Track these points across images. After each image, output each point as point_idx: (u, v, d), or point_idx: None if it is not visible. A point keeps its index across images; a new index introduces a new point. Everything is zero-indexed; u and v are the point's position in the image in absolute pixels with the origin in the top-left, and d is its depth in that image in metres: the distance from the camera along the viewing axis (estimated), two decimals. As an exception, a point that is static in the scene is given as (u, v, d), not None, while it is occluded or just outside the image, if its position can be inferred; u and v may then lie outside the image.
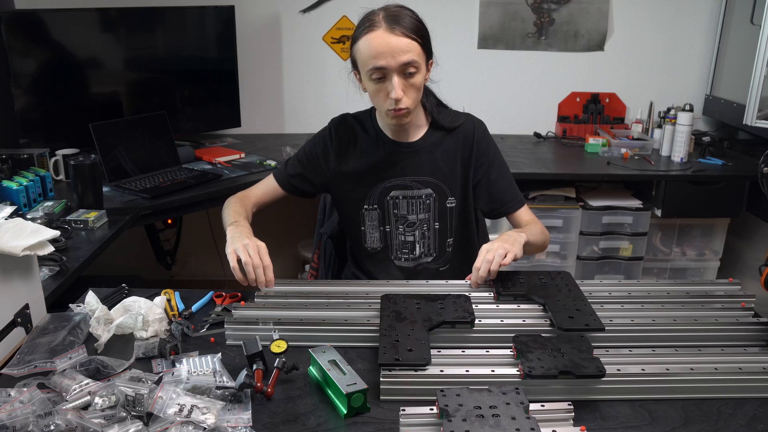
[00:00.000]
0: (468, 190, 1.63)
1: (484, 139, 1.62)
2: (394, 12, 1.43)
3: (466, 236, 1.66)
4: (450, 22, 3.06)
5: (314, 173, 1.64)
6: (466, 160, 1.61)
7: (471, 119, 1.65)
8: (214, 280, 3.34)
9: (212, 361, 1.13)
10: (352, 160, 1.62)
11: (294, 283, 1.43)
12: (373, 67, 1.41)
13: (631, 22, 3.07)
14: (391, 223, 1.62)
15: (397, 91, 1.41)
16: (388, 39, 1.39)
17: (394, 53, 1.39)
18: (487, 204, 1.64)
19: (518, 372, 1.06)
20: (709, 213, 2.74)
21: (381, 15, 1.42)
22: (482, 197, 1.64)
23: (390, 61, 1.40)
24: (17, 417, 0.95)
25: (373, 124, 1.62)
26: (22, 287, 1.24)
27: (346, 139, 1.62)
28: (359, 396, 1.02)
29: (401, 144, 1.60)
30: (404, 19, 1.42)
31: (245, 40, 3.03)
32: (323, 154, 1.63)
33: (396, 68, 1.41)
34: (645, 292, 1.38)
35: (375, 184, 1.60)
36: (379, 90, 1.45)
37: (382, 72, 1.42)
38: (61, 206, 2.02)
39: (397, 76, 1.41)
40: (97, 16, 2.64)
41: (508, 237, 1.42)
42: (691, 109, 2.72)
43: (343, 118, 1.65)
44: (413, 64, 1.41)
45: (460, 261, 1.67)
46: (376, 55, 1.40)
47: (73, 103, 2.59)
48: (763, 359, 1.12)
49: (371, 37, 1.41)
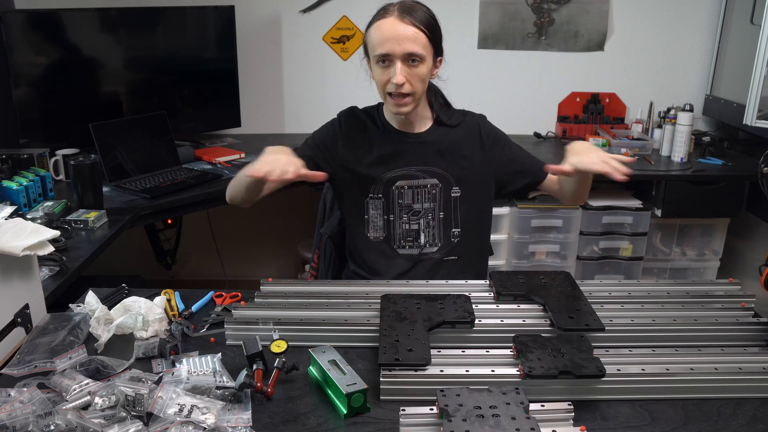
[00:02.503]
0: (478, 182, 1.65)
1: (491, 130, 1.68)
2: (409, 4, 1.51)
3: (472, 228, 1.67)
4: (450, 22, 3.02)
5: (323, 160, 1.65)
6: (475, 153, 1.64)
7: (472, 115, 1.69)
8: (214, 280, 3.34)
9: (212, 361, 1.13)
10: (359, 149, 1.63)
11: (294, 283, 1.43)
12: (380, 52, 1.48)
13: (631, 22, 3.07)
14: (395, 213, 1.63)
15: (398, 77, 1.47)
16: (397, 26, 1.46)
17: (400, 40, 1.45)
18: (517, 182, 1.68)
19: (518, 372, 1.06)
20: (709, 213, 2.74)
21: (396, 6, 1.50)
22: (512, 178, 1.68)
23: (395, 48, 1.46)
24: (17, 417, 0.95)
25: (380, 116, 1.66)
26: (22, 287, 1.24)
27: (355, 128, 1.65)
28: (359, 396, 1.02)
29: (408, 135, 1.63)
30: (417, 11, 1.49)
31: (245, 40, 3.03)
32: (332, 142, 1.65)
33: (400, 55, 1.46)
34: (645, 292, 1.38)
35: (381, 174, 1.62)
36: (383, 74, 1.51)
37: (388, 58, 1.48)
38: (61, 206, 2.02)
39: (401, 63, 1.47)
40: (97, 16, 2.64)
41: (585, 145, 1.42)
42: (691, 109, 2.72)
43: (351, 109, 1.69)
44: (417, 54, 1.47)
45: (466, 252, 1.67)
46: (383, 41, 1.47)
47: (73, 103, 2.59)
48: (763, 359, 1.12)
49: (381, 24, 1.48)
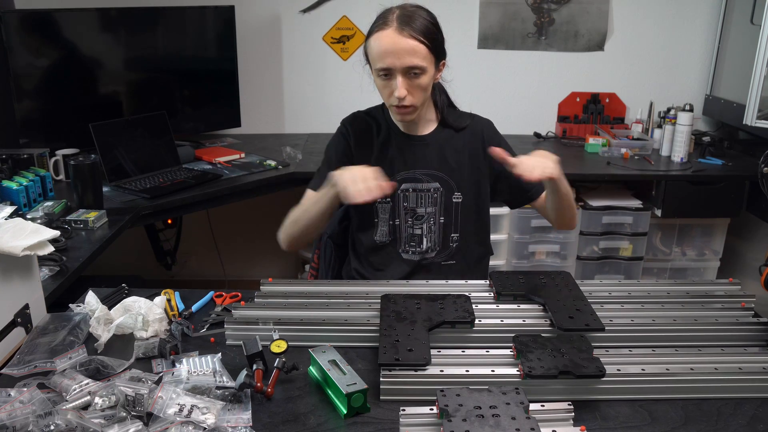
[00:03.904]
0: (478, 188, 1.65)
1: (494, 137, 1.67)
2: (408, 12, 1.47)
3: (471, 233, 1.66)
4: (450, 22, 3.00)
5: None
6: (476, 159, 1.63)
7: (479, 120, 1.69)
8: (214, 280, 3.34)
9: (212, 361, 1.13)
10: (369, 152, 1.63)
11: (294, 283, 1.43)
12: (380, 66, 1.47)
13: (631, 22, 3.07)
14: (400, 216, 1.63)
15: (400, 91, 1.46)
16: (396, 40, 1.43)
17: (400, 55, 1.44)
18: (509, 194, 1.68)
19: (518, 372, 1.06)
20: (709, 213, 2.74)
21: (395, 14, 1.47)
22: (504, 189, 1.67)
23: (395, 62, 1.44)
24: (17, 417, 0.95)
25: (385, 117, 1.65)
26: (22, 287, 1.24)
27: (362, 132, 1.65)
28: (359, 396, 1.02)
29: (412, 137, 1.63)
30: (416, 21, 1.46)
31: (245, 40, 3.03)
32: (345, 151, 1.65)
33: (401, 69, 1.45)
34: (645, 292, 1.38)
35: (390, 177, 1.61)
36: (385, 86, 1.50)
37: (388, 71, 1.47)
38: (61, 206, 2.02)
39: (402, 76, 1.46)
40: (97, 16, 2.64)
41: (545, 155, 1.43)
42: (691, 109, 2.72)
43: (354, 115, 1.69)
44: (418, 67, 1.45)
45: (465, 257, 1.67)
46: (383, 55, 1.45)
47: (73, 103, 2.59)
48: (763, 359, 1.12)
49: (381, 36, 1.46)
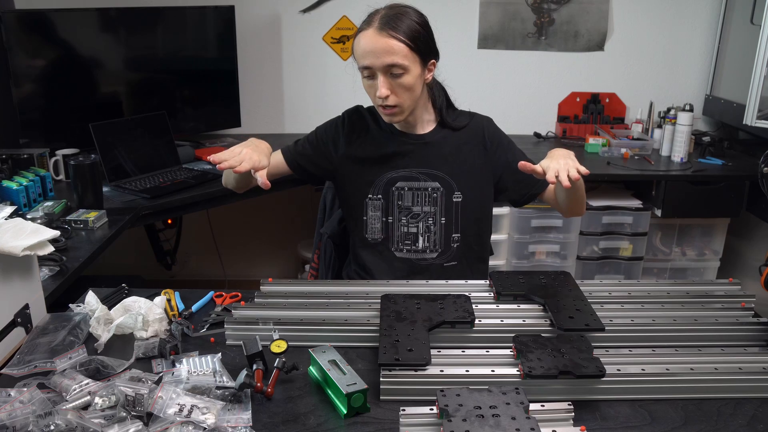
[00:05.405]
0: (480, 187, 1.64)
1: (495, 134, 1.66)
2: (393, 12, 1.47)
3: (472, 233, 1.66)
4: (450, 22, 3.06)
5: (322, 157, 1.66)
6: (477, 157, 1.63)
7: (478, 118, 1.68)
8: (214, 280, 3.35)
9: (212, 361, 1.13)
10: (361, 147, 1.63)
11: (294, 283, 1.43)
12: (361, 65, 1.48)
13: (631, 22, 3.07)
14: (393, 214, 1.63)
15: (381, 90, 1.47)
16: (375, 39, 1.44)
17: (378, 54, 1.44)
18: (516, 191, 1.67)
19: (518, 372, 1.06)
20: (709, 213, 2.75)
21: (380, 14, 1.47)
22: (510, 186, 1.66)
23: (374, 61, 1.45)
24: (17, 417, 0.95)
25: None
26: (22, 287, 1.24)
27: (358, 127, 1.65)
28: (359, 396, 1.02)
29: (411, 136, 1.63)
30: (399, 21, 1.45)
31: (245, 40, 3.03)
32: (333, 140, 1.65)
33: (380, 68, 1.46)
34: (645, 292, 1.38)
35: (382, 174, 1.62)
36: (370, 86, 1.51)
37: (369, 70, 1.48)
38: (61, 206, 2.02)
39: (383, 76, 1.47)
40: (97, 16, 2.64)
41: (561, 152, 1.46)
42: (691, 109, 2.72)
43: (357, 108, 1.69)
44: (398, 66, 1.45)
45: (467, 258, 1.67)
46: (364, 54, 1.47)
47: (73, 103, 2.59)
48: (763, 359, 1.12)
49: (362, 35, 1.47)
